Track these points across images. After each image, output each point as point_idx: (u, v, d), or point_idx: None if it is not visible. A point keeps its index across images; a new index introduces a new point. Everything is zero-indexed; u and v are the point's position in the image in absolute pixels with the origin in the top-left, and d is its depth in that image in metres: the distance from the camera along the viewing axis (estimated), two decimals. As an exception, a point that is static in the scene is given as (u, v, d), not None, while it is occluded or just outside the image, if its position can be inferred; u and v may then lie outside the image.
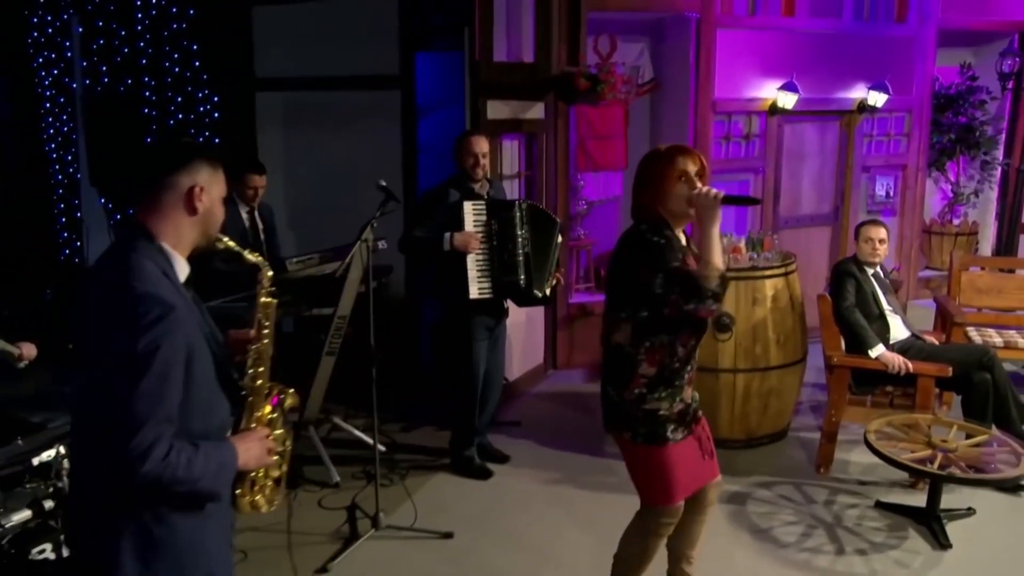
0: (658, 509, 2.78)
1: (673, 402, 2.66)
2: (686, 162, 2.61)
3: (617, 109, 6.32)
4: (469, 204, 4.01)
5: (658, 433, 2.65)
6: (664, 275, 2.50)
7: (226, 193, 1.90)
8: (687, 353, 2.66)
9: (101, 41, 7.18)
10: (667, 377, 2.63)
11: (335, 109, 6.19)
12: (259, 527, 3.92)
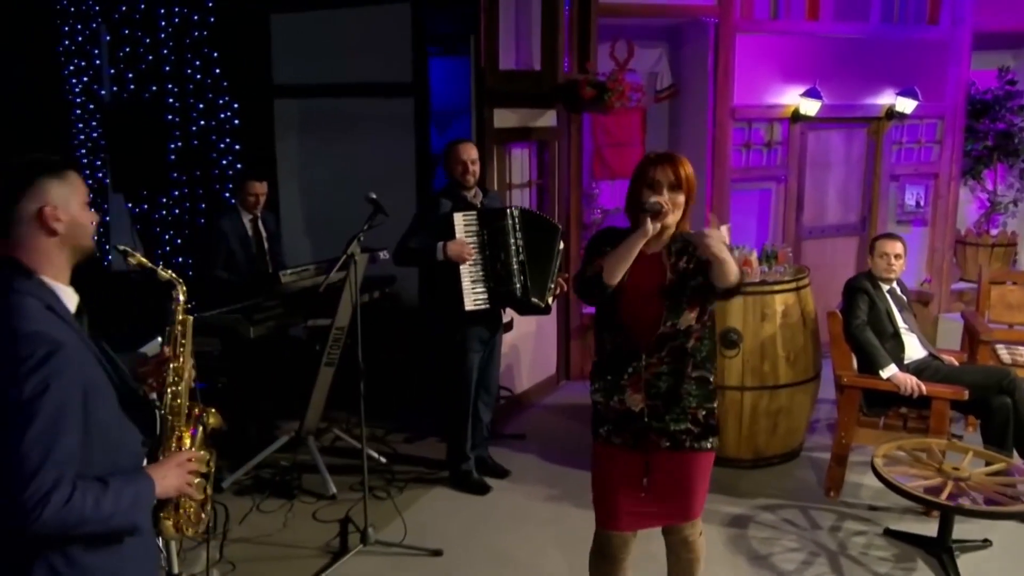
0: (598, 532, 2.74)
1: (609, 399, 2.62)
2: (656, 172, 2.54)
3: (634, 116, 6.20)
4: (459, 216, 3.95)
5: (595, 426, 2.68)
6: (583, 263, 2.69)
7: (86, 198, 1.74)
8: (614, 349, 2.62)
9: (127, 49, 7.29)
10: (598, 367, 2.67)
11: (349, 116, 6.19)
12: (251, 539, 3.93)
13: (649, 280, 2.59)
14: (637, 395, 2.58)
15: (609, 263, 2.52)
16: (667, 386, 2.58)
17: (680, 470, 2.63)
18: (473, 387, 4.23)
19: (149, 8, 7.09)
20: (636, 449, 2.60)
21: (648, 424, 2.57)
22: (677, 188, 2.52)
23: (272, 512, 4.17)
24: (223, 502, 4.23)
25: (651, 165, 2.54)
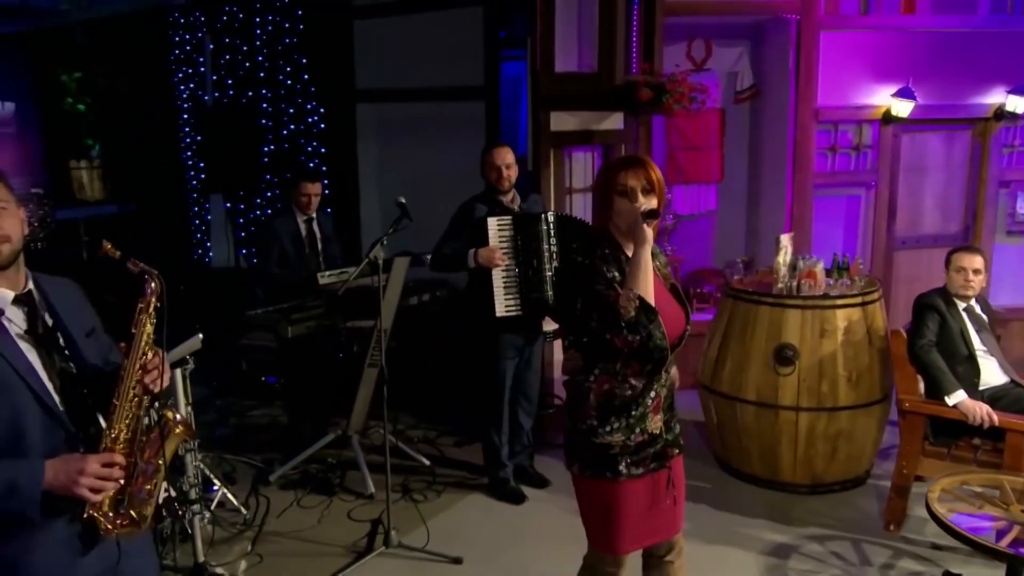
0: (602, 556, 2.55)
1: (631, 433, 2.39)
2: (627, 177, 2.35)
3: (711, 118, 5.96)
4: (493, 220, 3.89)
5: (606, 466, 2.40)
6: (583, 299, 2.33)
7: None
8: (644, 382, 2.39)
9: (227, 56, 7.67)
10: (619, 406, 2.38)
11: (424, 120, 6.26)
12: (284, 533, 4.01)
13: (662, 292, 2.46)
14: (657, 416, 2.45)
15: (640, 289, 2.27)
16: (669, 395, 2.51)
17: (678, 475, 2.55)
18: (506, 394, 4.17)
19: (247, 17, 7.43)
20: (658, 470, 2.47)
21: (665, 439, 2.47)
22: (650, 192, 2.36)
23: (311, 508, 4.25)
24: (268, 495, 4.39)
25: (621, 170, 2.37)
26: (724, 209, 6.12)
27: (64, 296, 1.98)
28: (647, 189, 2.35)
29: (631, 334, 2.28)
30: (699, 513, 4.11)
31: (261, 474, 4.61)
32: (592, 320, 2.32)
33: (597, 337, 2.34)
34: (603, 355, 2.38)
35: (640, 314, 2.26)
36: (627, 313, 2.25)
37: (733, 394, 4.28)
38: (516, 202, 4.07)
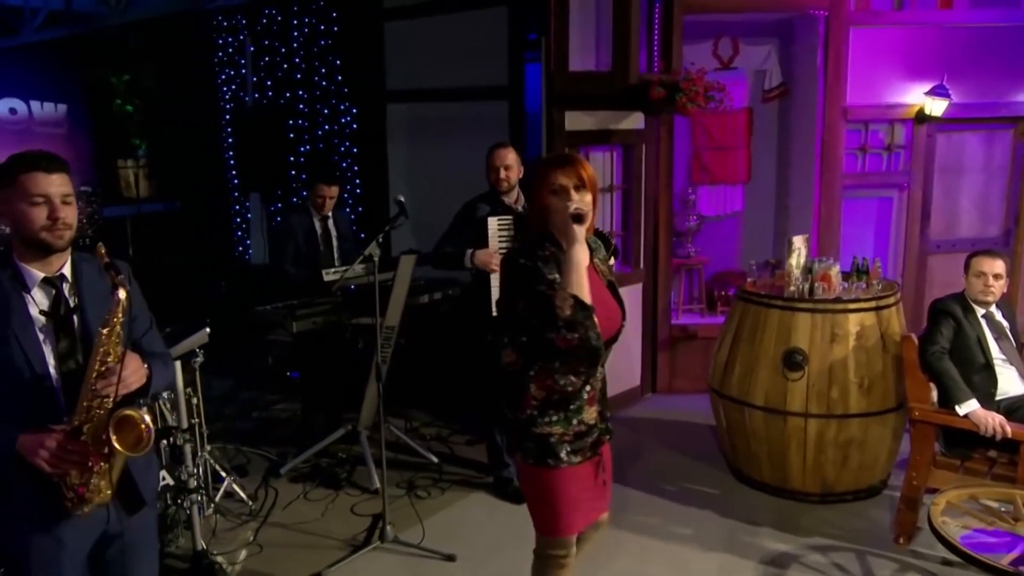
0: (549, 540, 2.63)
1: (569, 425, 2.47)
2: (559, 175, 2.36)
3: (738, 118, 5.86)
4: (494, 219, 3.90)
5: (548, 455, 2.47)
6: (523, 300, 2.35)
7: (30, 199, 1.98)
8: (582, 379, 2.43)
9: (266, 59, 7.85)
10: (558, 401, 2.45)
11: (450, 120, 6.30)
12: (288, 524, 4.08)
13: (599, 289, 2.48)
14: (592, 408, 2.52)
15: (574, 288, 2.29)
16: (603, 387, 2.58)
17: (607, 459, 2.65)
18: (510, 394, 4.14)
19: (285, 19, 7.59)
20: (593, 456, 2.56)
21: (599, 428, 2.56)
22: (582, 189, 2.37)
23: (316, 501, 4.31)
24: (277, 487, 4.47)
25: (552, 169, 2.39)
26: (751, 210, 6.00)
27: (100, 280, 2.07)
28: (579, 186, 2.36)
29: (569, 332, 2.28)
30: (703, 519, 4.04)
31: (274, 466, 4.70)
32: (534, 319, 2.33)
33: (537, 337, 2.34)
34: (542, 355, 2.38)
35: (576, 312, 2.27)
36: (563, 312, 2.26)
37: (742, 398, 4.19)
38: (520, 202, 4.06)
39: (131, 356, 1.98)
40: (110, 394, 1.93)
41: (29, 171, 1.97)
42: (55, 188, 1.98)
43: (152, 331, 2.22)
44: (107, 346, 1.95)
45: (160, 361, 2.14)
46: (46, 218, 1.96)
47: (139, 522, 2.17)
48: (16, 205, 1.97)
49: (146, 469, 2.19)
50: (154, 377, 2.07)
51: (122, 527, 2.12)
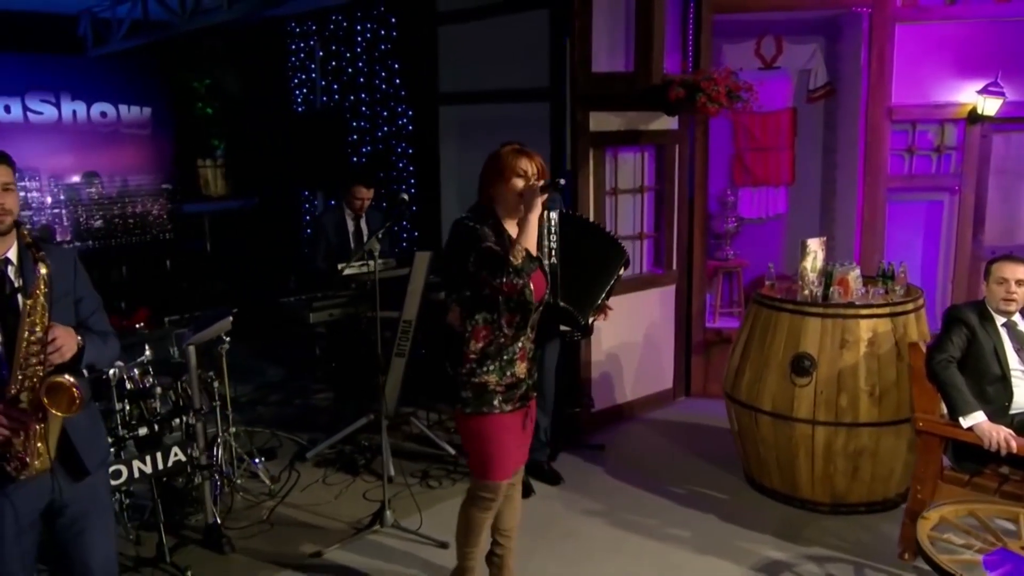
0: (481, 483, 3.00)
1: (503, 375, 2.89)
2: (525, 162, 2.84)
3: (782, 118, 5.73)
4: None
5: (484, 402, 2.88)
6: (475, 254, 2.77)
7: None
8: (514, 330, 2.88)
9: (333, 63, 8.18)
10: (494, 352, 2.87)
11: (495, 121, 6.38)
12: (301, 506, 4.28)
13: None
14: (523, 363, 2.95)
15: (528, 244, 2.78)
16: (532, 349, 3.02)
17: (531, 416, 3.10)
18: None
19: (350, 25, 7.89)
20: (521, 408, 2.98)
21: (527, 383, 2.98)
22: (539, 176, 2.85)
23: (333, 485, 4.50)
24: (301, 470, 4.69)
25: (518, 157, 2.85)
26: (795, 213, 5.84)
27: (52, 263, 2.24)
28: (537, 174, 2.85)
29: (516, 278, 2.72)
30: (704, 523, 4.01)
31: (302, 451, 4.93)
32: (484, 270, 2.75)
33: (481, 288, 2.79)
34: (483, 306, 2.84)
35: (525, 262, 2.75)
36: (515, 261, 2.72)
37: (751, 403, 4.12)
38: (540, 201, 4.12)
39: (57, 327, 2.16)
40: (57, 360, 2.12)
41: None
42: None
43: (98, 312, 2.41)
44: (34, 316, 2.13)
45: (99, 338, 2.32)
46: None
47: (87, 491, 2.35)
48: None
49: (91, 440, 2.37)
50: (87, 349, 2.24)
51: (70, 497, 2.29)
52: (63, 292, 2.26)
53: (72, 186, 8.13)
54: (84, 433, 2.31)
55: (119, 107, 8.36)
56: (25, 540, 2.27)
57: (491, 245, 2.77)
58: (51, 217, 7.96)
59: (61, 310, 2.23)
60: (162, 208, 8.70)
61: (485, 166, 2.91)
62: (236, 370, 6.58)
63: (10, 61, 7.66)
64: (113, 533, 2.53)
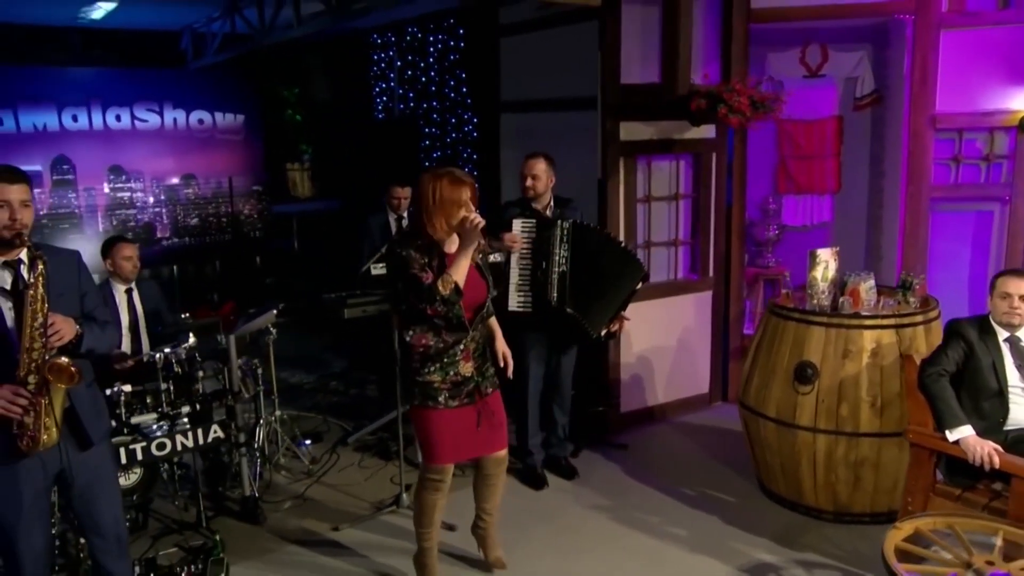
0: (427, 467, 3.34)
1: (446, 375, 3.20)
2: (469, 193, 3.10)
3: (827, 126, 5.71)
4: (518, 221, 4.21)
5: (429, 398, 3.21)
6: (402, 281, 3.12)
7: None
8: (451, 336, 3.18)
9: (409, 72, 8.63)
10: (434, 355, 3.18)
11: (551, 129, 6.62)
12: (335, 485, 4.67)
13: (472, 275, 3.22)
14: (468, 363, 3.25)
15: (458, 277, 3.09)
16: (479, 348, 3.32)
17: (499, 405, 3.41)
18: (531, 388, 4.45)
19: (423, 36, 8.31)
20: (470, 404, 3.27)
21: (476, 381, 3.27)
22: (473, 202, 3.13)
23: (367, 469, 4.87)
24: (341, 454, 5.09)
25: (467, 187, 3.13)
26: (840, 221, 5.79)
27: (57, 265, 2.65)
28: (472, 200, 3.12)
29: (443, 306, 3.06)
30: (704, 523, 4.12)
31: (345, 436, 5.33)
32: (411, 295, 3.09)
33: (412, 307, 3.12)
34: (417, 319, 3.17)
35: (452, 293, 3.05)
36: (443, 291, 3.03)
37: (757, 409, 4.20)
38: (550, 210, 4.33)
39: (55, 316, 2.54)
40: (59, 342, 2.52)
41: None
42: (15, 195, 2.54)
43: (100, 306, 2.80)
44: (35, 306, 2.50)
45: (98, 327, 2.71)
46: (8, 219, 2.52)
47: (94, 461, 2.75)
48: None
49: (95, 415, 2.77)
50: (86, 336, 2.63)
51: (78, 468, 2.69)
52: (68, 287, 2.67)
53: (172, 187, 8.92)
54: (88, 410, 2.71)
55: (215, 114, 9.08)
56: (42, 502, 2.69)
57: (416, 272, 3.05)
58: (152, 215, 8.76)
59: (67, 303, 2.64)
60: (253, 208, 9.38)
61: (422, 190, 3.12)
62: (304, 360, 7.14)
63: (123, 76, 8.49)
64: (119, 498, 2.92)
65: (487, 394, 3.32)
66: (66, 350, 2.57)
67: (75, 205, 8.25)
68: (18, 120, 7.90)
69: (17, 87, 7.83)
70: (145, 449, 3.77)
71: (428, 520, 3.44)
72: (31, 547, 2.65)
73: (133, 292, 4.51)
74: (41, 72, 7.93)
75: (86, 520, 2.82)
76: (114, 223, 8.52)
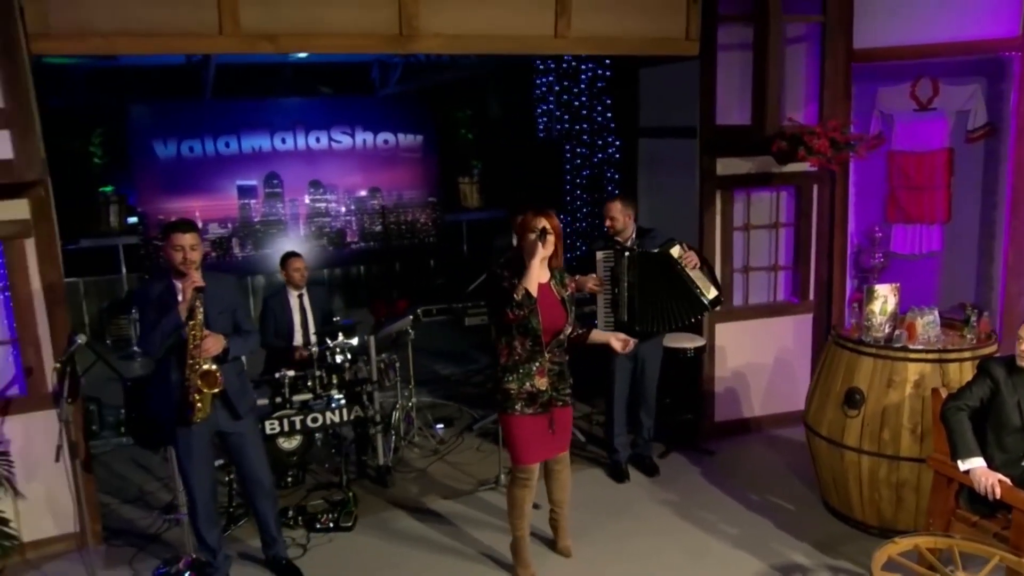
0: (514, 467, 3.99)
1: (522, 385, 3.83)
2: (538, 220, 3.73)
3: (938, 158, 5.84)
4: (600, 252, 4.91)
5: (508, 405, 3.86)
6: (493, 293, 3.80)
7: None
8: (528, 351, 3.80)
9: (565, 97, 9.44)
10: (512, 366, 3.83)
11: (674, 155, 7.18)
12: (453, 463, 5.62)
13: (550, 300, 3.79)
14: (542, 379, 3.87)
15: (526, 284, 3.68)
16: (556, 368, 3.91)
17: (568, 417, 4.04)
18: (616, 393, 5.13)
19: (577, 63, 9.09)
20: (543, 413, 3.89)
21: (549, 395, 3.88)
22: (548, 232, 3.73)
23: (484, 452, 5.77)
24: (465, 437, 6.03)
25: (534, 216, 3.76)
26: (951, 251, 5.89)
27: (216, 286, 3.76)
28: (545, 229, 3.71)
29: (517, 310, 3.66)
30: (756, 525, 4.61)
31: (473, 423, 6.27)
32: (498, 305, 3.71)
33: (501, 317, 3.72)
34: (502, 331, 3.80)
35: (524, 298, 3.65)
36: (516, 296, 3.66)
37: (813, 427, 4.62)
38: (631, 240, 4.98)
39: (208, 337, 3.59)
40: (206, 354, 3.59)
41: (173, 232, 3.63)
42: (187, 242, 3.61)
43: (246, 319, 3.88)
44: (194, 331, 3.57)
45: (241, 338, 3.79)
46: (182, 258, 3.60)
47: (243, 426, 3.87)
48: (167, 250, 3.64)
49: (241, 394, 3.86)
50: (232, 347, 3.71)
51: (232, 428, 3.82)
52: (227, 307, 3.77)
53: (360, 199, 10.36)
54: (236, 392, 3.82)
55: (398, 135, 10.41)
56: (207, 452, 3.85)
57: (504, 284, 3.71)
58: (344, 223, 10.24)
59: (224, 320, 3.74)
60: (428, 217, 10.62)
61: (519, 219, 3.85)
62: (455, 355, 8.19)
63: (322, 104, 10.03)
64: (262, 454, 4.05)
65: (558, 407, 3.91)
66: (218, 357, 3.67)
67: (282, 213, 9.89)
68: (240, 143, 9.63)
69: (241, 116, 9.56)
70: (302, 421, 4.88)
71: (519, 512, 4.07)
72: (200, 480, 3.83)
73: (304, 297, 5.68)
74: (259, 103, 9.61)
75: (239, 468, 3.97)
76: (312, 229, 10.09)
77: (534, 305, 3.71)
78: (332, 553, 4.46)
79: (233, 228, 9.73)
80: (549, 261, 3.85)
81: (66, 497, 4.38)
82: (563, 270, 3.98)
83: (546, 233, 3.69)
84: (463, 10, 4.82)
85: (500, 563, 4.30)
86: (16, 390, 4.39)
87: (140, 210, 9.41)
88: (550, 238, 3.72)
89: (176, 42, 4.40)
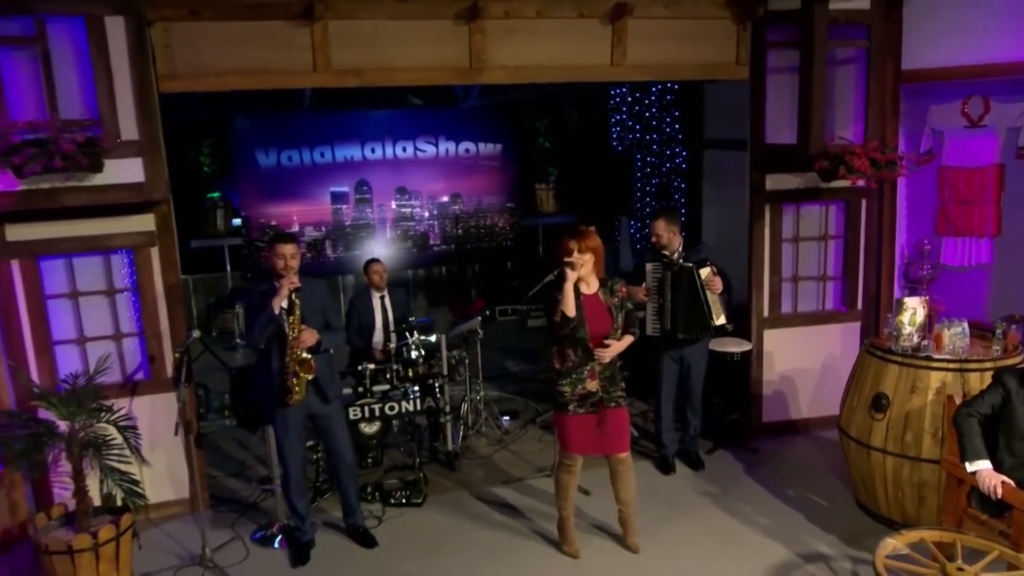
0: (561, 453, 4.51)
1: (575, 388, 4.29)
2: (570, 242, 4.18)
3: (988, 174, 6.03)
4: (649, 265, 5.36)
5: (562, 404, 4.34)
6: (549, 305, 4.26)
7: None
8: (579, 357, 4.23)
9: (637, 108, 9.85)
10: (566, 371, 4.29)
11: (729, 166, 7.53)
12: (516, 452, 6.16)
13: (598, 309, 4.24)
14: (593, 381, 4.31)
15: (562, 307, 4.18)
16: (606, 372, 4.31)
17: (621, 418, 4.40)
18: (663, 393, 5.57)
19: (647, 77, 9.48)
20: (594, 413, 4.32)
21: (600, 396, 4.30)
22: (584, 252, 4.18)
23: (543, 443, 6.30)
24: (528, 429, 6.58)
25: (568, 239, 4.21)
26: (1001, 264, 6.05)
27: (310, 289, 4.45)
28: (581, 249, 4.16)
29: (560, 329, 4.19)
30: (788, 517, 4.98)
31: (536, 416, 6.81)
32: (551, 316, 4.21)
33: (552, 329, 4.25)
34: (555, 339, 4.29)
35: (563, 319, 4.14)
36: (555, 317, 4.18)
37: (844, 428, 4.96)
38: (677, 253, 5.40)
39: (305, 331, 4.24)
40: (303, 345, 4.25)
41: (277, 242, 4.28)
42: (288, 251, 4.26)
43: (336, 316, 4.53)
44: (294, 324, 4.25)
45: (331, 333, 4.43)
46: (283, 266, 4.25)
47: (331, 409, 4.53)
48: (271, 257, 4.30)
49: (330, 381, 4.50)
50: (324, 340, 4.34)
51: (322, 410, 4.48)
52: (319, 307, 4.42)
53: (442, 204, 11.03)
54: (326, 379, 4.46)
55: (479, 144, 11.02)
56: (301, 430, 4.51)
57: (555, 300, 4.17)
58: (427, 227, 10.94)
59: (317, 318, 4.39)
60: (506, 222, 11.20)
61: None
62: (524, 352, 8.73)
63: (409, 115, 10.73)
64: (347, 435, 4.70)
65: (610, 407, 4.30)
66: (312, 348, 4.32)
67: (371, 218, 10.66)
68: (334, 153, 10.45)
69: (335, 128, 10.37)
70: (381, 409, 5.53)
71: (564, 495, 4.57)
72: (293, 455, 4.51)
73: (385, 298, 6.34)
74: (351, 115, 10.39)
75: (327, 446, 4.64)
76: (398, 232, 10.82)
77: (578, 321, 4.17)
78: (403, 525, 5.07)
79: (326, 231, 10.55)
80: (595, 273, 4.28)
81: (181, 467, 5.17)
82: (614, 279, 4.39)
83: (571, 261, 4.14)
84: (525, 45, 5.35)
85: (549, 540, 4.82)
86: (142, 375, 5.18)
87: (243, 214, 10.33)
88: (582, 260, 4.15)
89: (276, 79, 5.11)
